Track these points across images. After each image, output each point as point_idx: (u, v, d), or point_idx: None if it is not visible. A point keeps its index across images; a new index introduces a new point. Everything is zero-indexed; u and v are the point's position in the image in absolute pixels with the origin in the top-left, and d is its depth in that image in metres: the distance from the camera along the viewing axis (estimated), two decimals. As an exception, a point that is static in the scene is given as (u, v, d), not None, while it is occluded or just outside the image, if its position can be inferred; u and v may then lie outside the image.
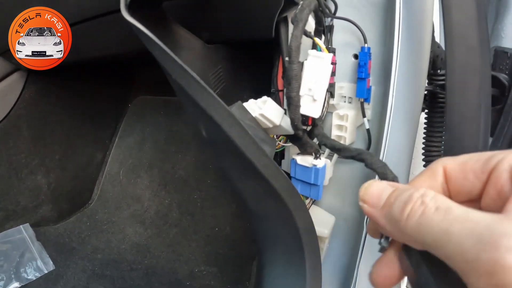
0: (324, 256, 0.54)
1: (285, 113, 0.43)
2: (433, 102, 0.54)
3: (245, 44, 0.53)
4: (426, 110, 0.56)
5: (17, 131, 0.81)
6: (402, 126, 0.49)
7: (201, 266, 0.72)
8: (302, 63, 0.38)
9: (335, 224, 0.53)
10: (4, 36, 0.66)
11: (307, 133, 0.46)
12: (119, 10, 0.43)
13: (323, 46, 0.39)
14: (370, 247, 0.50)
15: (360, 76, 0.47)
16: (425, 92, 0.51)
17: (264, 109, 0.40)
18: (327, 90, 0.46)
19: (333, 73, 0.46)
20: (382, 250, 0.26)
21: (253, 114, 0.41)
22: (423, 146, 0.58)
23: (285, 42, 0.50)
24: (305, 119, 0.41)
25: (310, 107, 0.38)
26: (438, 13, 0.51)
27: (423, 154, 0.58)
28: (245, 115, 0.40)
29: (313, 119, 0.39)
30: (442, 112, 0.55)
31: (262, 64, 0.60)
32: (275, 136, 0.51)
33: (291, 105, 0.37)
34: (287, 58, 0.51)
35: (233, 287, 0.68)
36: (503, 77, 0.51)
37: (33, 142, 0.83)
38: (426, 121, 0.56)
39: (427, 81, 0.52)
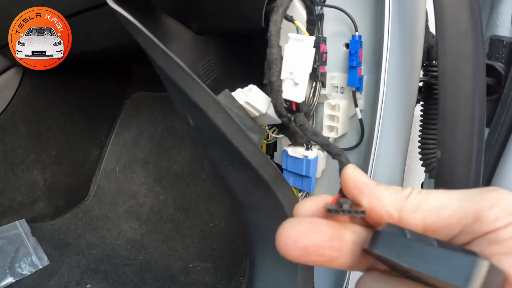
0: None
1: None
2: (429, 94, 0.53)
3: (235, 36, 0.53)
4: (421, 102, 0.55)
5: (13, 127, 0.81)
6: (395, 116, 0.48)
7: (195, 262, 0.72)
8: (281, 48, 0.37)
9: (328, 217, 0.53)
10: (1, 31, 0.66)
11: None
12: (98, 6, 0.43)
13: (303, 29, 0.38)
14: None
15: (351, 64, 0.46)
16: (420, 84, 0.51)
17: (249, 97, 0.39)
18: (319, 80, 0.45)
19: (324, 63, 0.45)
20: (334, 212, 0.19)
21: (240, 102, 0.40)
22: (419, 139, 0.57)
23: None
24: (289, 105, 0.40)
25: (292, 91, 0.37)
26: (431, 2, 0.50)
27: (419, 147, 0.57)
28: (232, 103, 0.40)
29: (297, 105, 0.38)
30: (437, 103, 0.54)
31: (253, 56, 0.59)
32: (266, 127, 0.51)
33: (272, 90, 0.36)
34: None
35: (227, 282, 0.67)
36: (499, 65, 0.50)
37: (29, 138, 0.83)
38: (422, 113, 0.55)
39: (422, 72, 0.51)
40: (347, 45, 0.48)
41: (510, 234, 0.15)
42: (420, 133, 0.56)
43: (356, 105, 0.47)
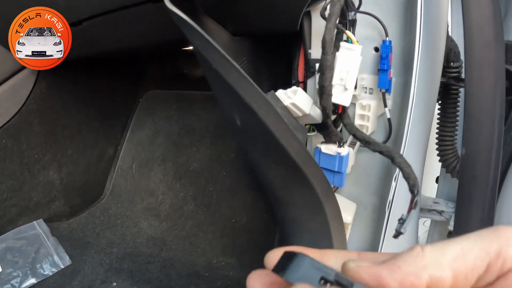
0: (347, 243, 0.56)
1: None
2: (446, 94, 0.56)
3: (267, 37, 0.54)
4: (439, 102, 0.58)
5: (29, 127, 0.81)
6: (422, 116, 0.51)
7: (219, 257, 0.73)
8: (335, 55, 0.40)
9: (356, 211, 0.55)
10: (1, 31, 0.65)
11: (332, 122, 0.48)
12: (139, 3, 0.44)
13: (354, 39, 0.41)
14: (392, 234, 0.52)
15: (382, 67, 0.48)
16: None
17: (295, 98, 0.41)
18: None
19: (356, 65, 0.47)
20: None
21: (284, 103, 0.42)
22: (437, 136, 0.60)
23: (308, 35, 0.51)
24: (335, 108, 0.42)
25: (341, 96, 0.40)
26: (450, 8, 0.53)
27: (437, 144, 0.60)
28: (277, 104, 0.42)
29: (344, 108, 0.40)
30: (454, 103, 0.57)
31: (278, 56, 0.61)
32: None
33: (323, 94, 0.39)
34: (310, 51, 0.53)
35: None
36: (514, 69, 0.54)
37: (45, 137, 0.83)
38: (439, 112, 0.58)
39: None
40: (376, 49, 0.50)
41: None
42: (437, 131, 0.59)
43: (385, 105, 0.49)
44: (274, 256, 0.20)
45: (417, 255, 0.18)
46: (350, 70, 0.38)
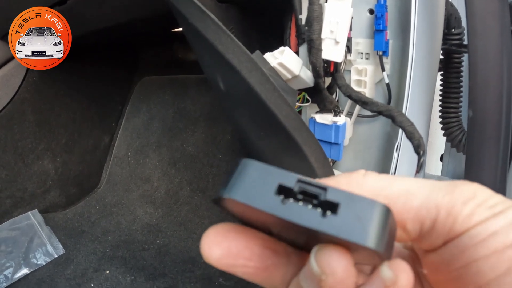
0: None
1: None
2: (449, 63, 0.53)
3: (255, 5, 0.52)
4: (441, 72, 0.55)
5: (21, 116, 0.79)
6: (422, 81, 0.48)
7: (215, 243, 0.70)
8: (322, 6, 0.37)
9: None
10: (5, 20, 0.64)
11: (327, 89, 0.45)
12: None
13: None
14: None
15: (378, 28, 0.45)
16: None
17: (282, 58, 0.38)
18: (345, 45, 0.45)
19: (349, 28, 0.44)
20: None
21: (272, 65, 0.39)
22: (440, 108, 0.56)
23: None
24: (326, 66, 0.39)
25: (332, 50, 0.37)
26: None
27: (440, 117, 0.56)
28: (264, 65, 0.39)
29: (335, 66, 0.37)
30: (457, 72, 0.54)
31: (270, 25, 0.58)
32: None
33: (312, 48, 0.36)
34: (300, 17, 0.50)
35: (249, 262, 0.66)
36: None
37: (38, 126, 0.82)
38: (442, 82, 0.55)
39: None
40: (370, 11, 0.47)
41: (487, 231, 0.13)
42: (440, 103, 0.56)
43: (383, 69, 0.46)
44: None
45: (357, 181, 0.14)
46: (341, 22, 0.35)
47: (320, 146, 0.40)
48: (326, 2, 0.36)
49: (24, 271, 0.71)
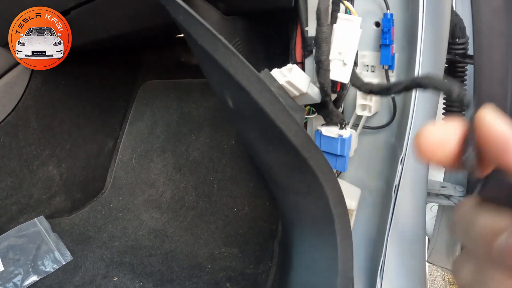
0: (352, 229, 0.53)
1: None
2: (453, 71, 0.54)
3: (260, 16, 0.52)
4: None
5: (26, 123, 0.79)
6: (427, 94, 0.48)
7: (222, 248, 0.72)
8: (332, 27, 0.37)
9: (361, 196, 0.53)
10: (6, 28, 0.64)
11: (333, 103, 0.45)
12: None
13: (352, 9, 0.38)
14: (398, 220, 0.50)
15: (384, 42, 0.45)
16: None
17: (290, 76, 0.39)
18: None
19: (355, 40, 0.45)
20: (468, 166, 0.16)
21: (280, 82, 0.39)
22: (443, 116, 0.57)
23: (304, 11, 0.48)
24: (333, 85, 0.40)
25: (339, 71, 0.37)
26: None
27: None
28: (272, 83, 0.39)
29: (342, 86, 0.37)
30: (461, 81, 0.54)
31: (275, 36, 0.59)
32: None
33: (321, 69, 0.36)
34: (306, 29, 0.50)
35: (255, 267, 0.67)
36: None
37: (42, 132, 0.82)
38: (446, 91, 0.55)
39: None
40: (377, 24, 0.47)
41: None
42: (443, 111, 0.57)
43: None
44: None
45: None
46: (349, 44, 0.35)
47: (327, 160, 0.41)
48: (335, 23, 0.37)
49: (33, 278, 0.71)
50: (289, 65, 0.40)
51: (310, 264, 0.47)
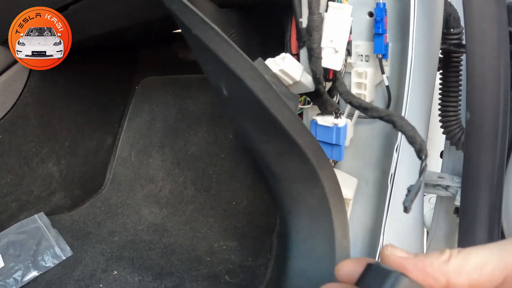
0: (349, 219, 0.54)
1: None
2: (448, 62, 0.54)
3: (256, 8, 0.52)
4: (440, 71, 0.55)
5: (24, 120, 0.80)
6: (421, 83, 0.48)
7: (220, 241, 0.72)
8: (322, 15, 0.37)
9: (357, 186, 0.53)
10: (5, 25, 0.65)
11: (328, 92, 0.46)
12: None
13: None
14: (395, 209, 0.50)
15: (377, 31, 0.46)
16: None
17: (283, 65, 0.39)
18: (345, 48, 0.45)
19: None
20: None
21: (273, 71, 0.40)
22: (439, 107, 0.57)
23: (298, 2, 0.49)
24: (326, 73, 0.40)
25: (331, 59, 0.37)
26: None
27: (440, 115, 0.57)
28: (266, 72, 0.39)
29: (334, 73, 0.38)
30: (457, 71, 0.54)
31: (271, 29, 0.59)
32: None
33: (312, 57, 0.36)
34: (301, 20, 0.50)
35: (254, 259, 0.68)
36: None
37: (41, 130, 0.82)
38: (441, 81, 0.56)
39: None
40: (370, 14, 0.47)
41: None
42: (440, 101, 0.57)
43: (383, 72, 0.47)
44: (347, 267, 0.22)
45: (444, 261, 0.19)
46: (340, 31, 0.36)
47: (321, 148, 0.41)
48: (326, 11, 0.37)
49: (33, 273, 0.72)
50: (282, 54, 0.40)
51: (307, 253, 0.48)
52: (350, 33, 0.46)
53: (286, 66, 0.38)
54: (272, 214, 0.72)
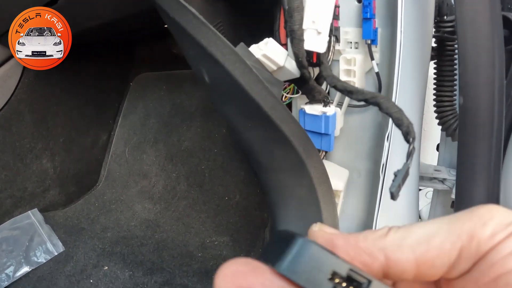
0: (340, 212, 0.52)
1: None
2: (442, 50, 0.52)
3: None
4: (435, 60, 0.54)
5: (19, 116, 0.80)
6: (412, 69, 0.47)
7: (212, 237, 0.71)
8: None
9: (349, 178, 0.52)
10: (5, 24, 0.65)
11: (315, 80, 0.45)
12: None
13: None
14: (388, 201, 0.49)
15: (365, 16, 0.45)
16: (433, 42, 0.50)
17: (266, 49, 0.38)
18: (333, 34, 0.44)
19: (337, 17, 0.44)
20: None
21: (256, 56, 0.39)
22: (434, 97, 0.56)
23: (286, -11, 0.48)
24: (310, 57, 0.39)
25: (314, 41, 0.36)
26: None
27: (434, 105, 0.56)
28: (249, 57, 0.38)
29: (318, 56, 0.37)
30: (451, 60, 0.53)
31: (260, 19, 0.58)
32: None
33: (294, 39, 0.35)
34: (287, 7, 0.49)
35: (246, 255, 0.67)
36: (512, 16, 0.49)
37: (36, 126, 0.82)
38: (435, 70, 0.54)
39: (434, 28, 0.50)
40: (359, 0, 0.46)
41: (511, 248, 0.14)
42: (434, 91, 0.55)
43: (372, 58, 0.46)
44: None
45: (380, 235, 0.16)
46: (323, 12, 0.35)
47: (308, 136, 0.40)
48: (308, -9, 0.36)
49: (25, 269, 0.72)
50: (266, 39, 0.39)
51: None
52: (339, 19, 0.45)
53: (269, 51, 0.38)
54: (265, 209, 0.71)
